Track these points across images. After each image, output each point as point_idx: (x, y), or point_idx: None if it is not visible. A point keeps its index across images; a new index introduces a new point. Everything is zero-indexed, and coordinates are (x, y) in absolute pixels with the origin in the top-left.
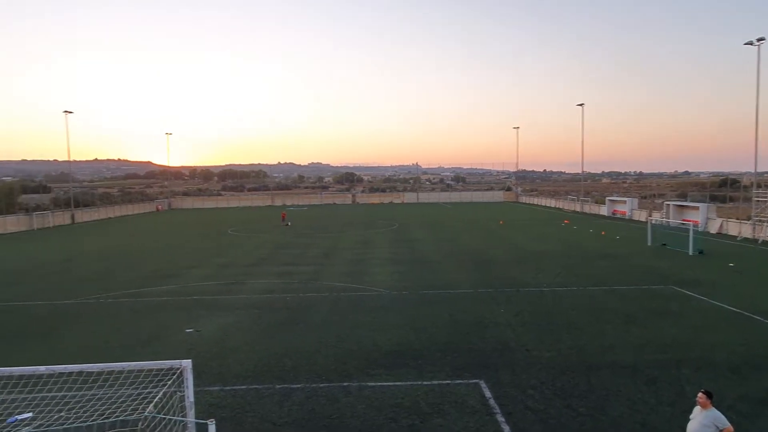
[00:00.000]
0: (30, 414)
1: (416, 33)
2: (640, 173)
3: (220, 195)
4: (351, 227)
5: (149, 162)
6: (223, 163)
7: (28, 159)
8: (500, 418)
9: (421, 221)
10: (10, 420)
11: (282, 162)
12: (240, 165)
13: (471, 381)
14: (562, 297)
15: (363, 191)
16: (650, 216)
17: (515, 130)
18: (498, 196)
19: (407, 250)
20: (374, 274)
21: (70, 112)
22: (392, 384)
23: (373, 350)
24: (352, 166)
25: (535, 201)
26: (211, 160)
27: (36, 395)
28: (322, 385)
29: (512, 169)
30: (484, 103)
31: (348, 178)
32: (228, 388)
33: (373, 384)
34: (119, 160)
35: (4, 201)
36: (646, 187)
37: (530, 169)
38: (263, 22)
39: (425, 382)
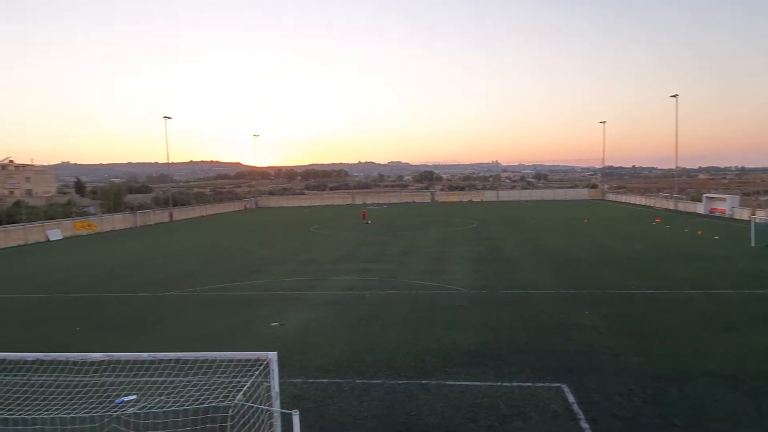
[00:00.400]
0: (134, 396)
1: (495, 28)
2: (742, 168)
3: (303, 194)
4: (430, 225)
5: (239, 163)
6: (306, 163)
7: (134, 162)
8: (585, 425)
9: (500, 219)
10: (117, 401)
11: (362, 161)
12: (322, 165)
13: (553, 384)
14: (653, 300)
15: (442, 189)
16: (754, 214)
17: (601, 124)
18: (582, 193)
19: (486, 249)
20: (453, 273)
21: (169, 118)
22: (471, 383)
23: (452, 349)
24: (431, 164)
25: (623, 199)
26: (294, 161)
27: (140, 379)
28: (400, 381)
29: (598, 165)
30: (566, 98)
31: (427, 177)
32: (311, 380)
33: (451, 383)
34: (212, 161)
35: (113, 200)
36: (749, 183)
37: (618, 165)
38: (342, 23)
39: (505, 384)
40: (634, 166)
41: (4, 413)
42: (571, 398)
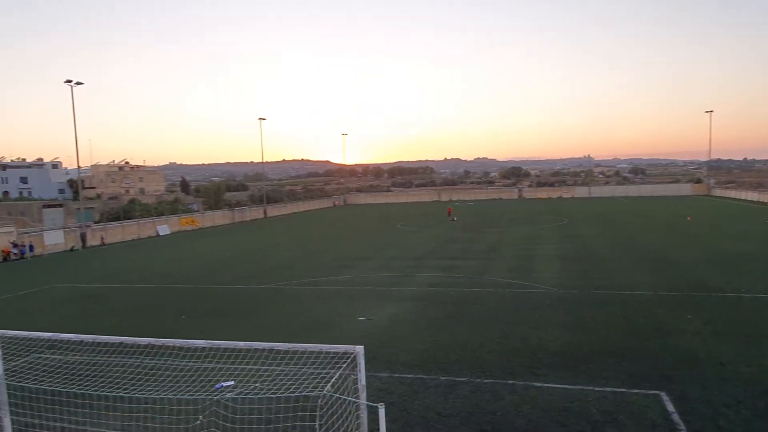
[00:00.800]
0: (232, 382)
1: (585, 14)
2: None
3: (389, 191)
4: (517, 222)
5: (328, 161)
6: (392, 161)
7: (232, 161)
8: None
9: (593, 217)
10: (217, 386)
11: (448, 158)
12: (408, 162)
13: (650, 392)
14: (767, 305)
15: (530, 186)
16: None
17: (707, 114)
18: (685, 189)
19: (577, 247)
20: (541, 271)
21: (264, 119)
22: (560, 386)
23: (539, 349)
24: (518, 160)
25: (733, 194)
26: (381, 158)
27: (237, 366)
28: (486, 380)
29: (703, 158)
30: (666, 86)
31: (514, 173)
32: (396, 375)
33: (539, 384)
34: (302, 160)
35: (214, 198)
36: None
37: (726, 158)
38: (427, 21)
39: (597, 388)
40: (745, 159)
41: (121, 391)
42: (670, 407)
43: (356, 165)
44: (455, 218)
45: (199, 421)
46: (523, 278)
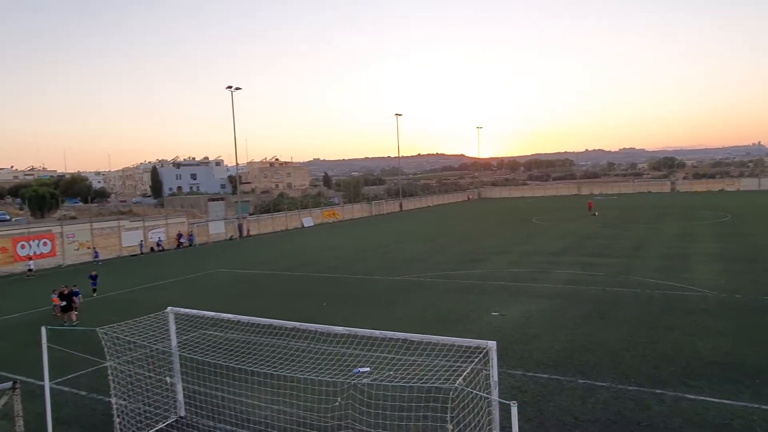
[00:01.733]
0: (368, 368)
1: None
2: None
3: (525, 185)
4: (668, 218)
5: (462, 155)
6: (529, 153)
7: (370, 156)
8: None
9: (763, 212)
10: (354, 371)
11: (590, 149)
12: (546, 154)
13: None
14: None
15: (685, 178)
16: None
17: None
18: None
19: (741, 247)
20: (696, 272)
21: (400, 115)
22: (717, 401)
23: (693, 358)
24: (671, 149)
25: None
26: (517, 151)
27: (372, 354)
28: (630, 387)
29: None
30: None
31: (666, 164)
32: (530, 374)
33: (692, 396)
34: (437, 154)
35: (353, 192)
36: None
37: None
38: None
39: (763, 406)
40: None
41: (270, 368)
42: None
43: (491, 158)
44: (596, 213)
45: (337, 403)
46: (674, 279)
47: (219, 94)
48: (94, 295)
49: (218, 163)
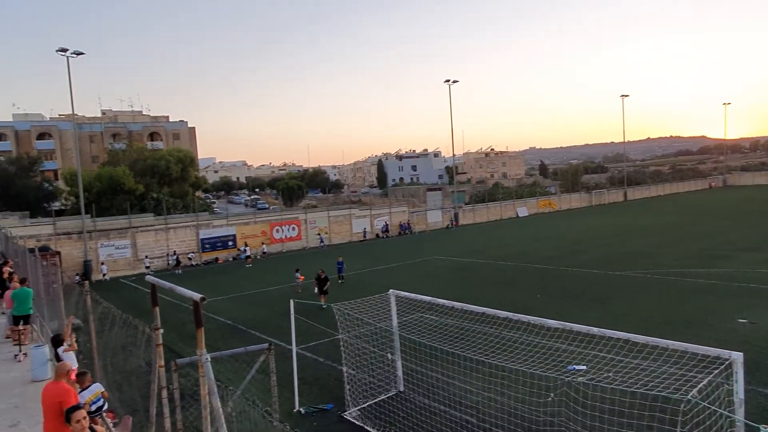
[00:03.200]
0: (584, 367)
1: None
2: None
3: None
4: None
5: (703, 136)
6: None
7: (590, 143)
8: None
9: None
10: (569, 368)
11: None
12: None
13: None
14: None
15: None
16: None
17: None
18: None
19: None
20: None
21: (626, 96)
22: None
23: None
24: None
25: None
26: None
27: (589, 352)
28: None
29: None
30: None
31: None
32: None
33: None
34: (671, 137)
35: (571, 181)
36: None
37: None
38: None
39: None
40: None
41: (482, 356)
42: None
43: (740, 139)
44: None
45: (550, 399)
46: None
47: (437, 89)
48: (340, 281)
49: (436, 154)
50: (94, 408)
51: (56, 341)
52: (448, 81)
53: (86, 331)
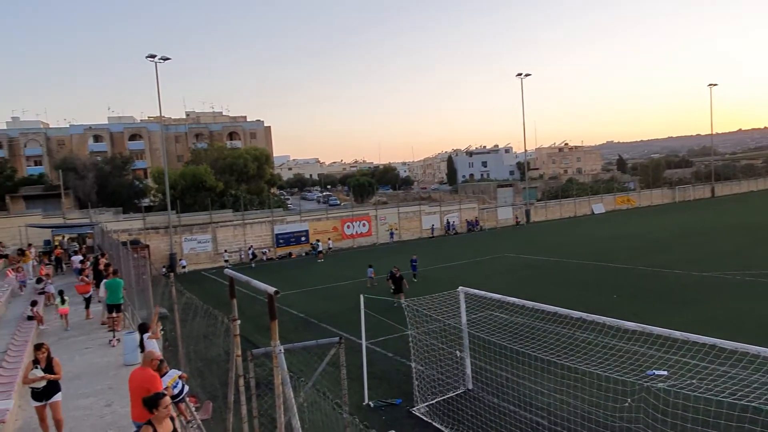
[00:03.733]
0: (665, 372)
1: None
2: None
3: None
4: None
5: None
6: None
7: (673, 136)
8: None
9: None
10: (649, 372)
11: None
12: None
13: None
14: None
15: None
16: None
17: None
18: None
19: None
20: None
21: (715, 85)
22: None
23: None
24: None
25: None
26: None
27: (670, 356)
28: None
29: None
30: None
31: None
32: None
33: None
34: (765, 128)
35: (652, 176)
36: None
37: None
38: None
39: None
40: None
41: (554, 357)
42: None
43: None
44: None
45: (627, 404)
46: None
47: (509, 83)
48: (415, 280)
49: (507, 150)
50: (176, 391)
51: (142, 329)
52: (520, 75)
53: (171, 320)
